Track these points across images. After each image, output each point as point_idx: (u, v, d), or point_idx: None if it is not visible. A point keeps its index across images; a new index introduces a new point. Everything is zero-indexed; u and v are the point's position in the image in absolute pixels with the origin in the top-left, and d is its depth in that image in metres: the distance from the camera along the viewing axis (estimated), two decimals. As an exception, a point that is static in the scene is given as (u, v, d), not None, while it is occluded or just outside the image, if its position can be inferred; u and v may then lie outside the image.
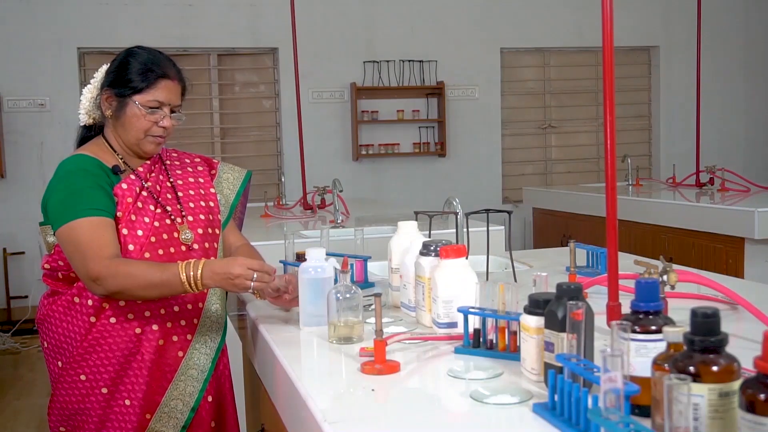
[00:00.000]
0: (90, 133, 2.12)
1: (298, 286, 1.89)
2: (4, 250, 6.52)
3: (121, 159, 2.03)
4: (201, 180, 2.15)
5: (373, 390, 1.42)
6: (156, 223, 1.98)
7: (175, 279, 1.81)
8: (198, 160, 2.21)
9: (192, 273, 1.81)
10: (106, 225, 1.89)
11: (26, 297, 6.52)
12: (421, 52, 7.45)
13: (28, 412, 4.47)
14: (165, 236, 1.98)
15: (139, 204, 1.99)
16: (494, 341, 1.60)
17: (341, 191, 4.14)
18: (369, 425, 1.27)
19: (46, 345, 2.04)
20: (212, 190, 2.14)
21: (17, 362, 5.59)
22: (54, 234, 1.93)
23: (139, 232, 1.94)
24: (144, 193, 2.01)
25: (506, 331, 1.58)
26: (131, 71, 1.99)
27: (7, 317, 6.48)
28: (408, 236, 2.05)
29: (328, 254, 1.95)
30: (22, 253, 6.57)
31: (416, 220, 2.15)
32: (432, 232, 2.37)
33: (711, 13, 7.17)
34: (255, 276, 1.82)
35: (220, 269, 1.82)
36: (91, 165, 1.97)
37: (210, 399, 2.09)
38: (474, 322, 1.62)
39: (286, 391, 1.58)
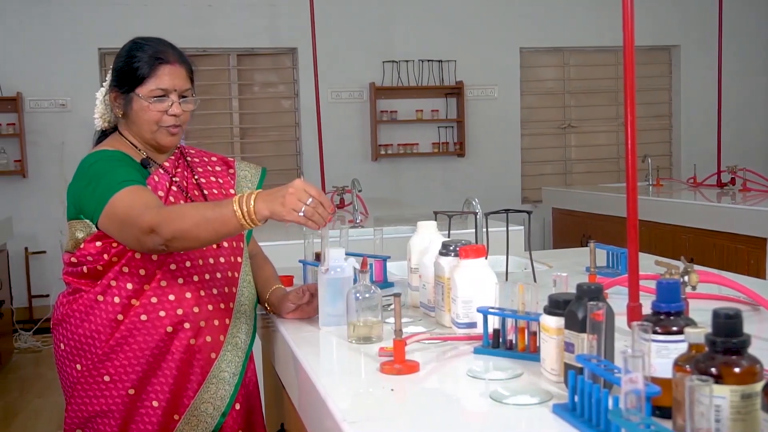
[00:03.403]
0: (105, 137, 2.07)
1: (318, 286, 1.89)
2: (26, 249, 6.57)
3: (145, 155, 1.99)
4: (221, 180, 2.11)
5: (392, 390, 1.42)
6: None
7: (229, 213, 1.67)
8: (215, 159, 2.16)
9: (245, 207, 1.66)
10: (144, 189, 1.83)
11: (47, 296, 6.57)
12: (440, 52, 7.44)
13: (49, 410, 4.51)
14: None
15: (171, 198, 1.95)
16: (514, 341, 1.60)
17: (360, 191, 4.15)
18: (388, 425, 1.27)
19: (62, 347, 1.95)
20: (232, 191, 2.10)
21: (38, 361, 5.63)
22: (97, 226, 1.86)
23: None
24: (174, 188, 1.97)
25: (526, 331, 1.58)
26: (128, 65, 1.94)
27: (28, 316, 6.54)
28: (427, 236, 2.05)
29: (347, 254, 1.95)
30: (44, 252, 6.62)
31: (435, 220, 2.15)
32: (451, 232, 2.37)
33: (732, 12, 7.11)
34: (310, 201, 1.65)
35: (277, 190, 1.68)
36: (115, 154, 1.92)
37: (237, 407, 2.02)
38: (493, 322, 1.62)
39: (306, 391, 1.59)
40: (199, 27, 6.84)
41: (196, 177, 2.06)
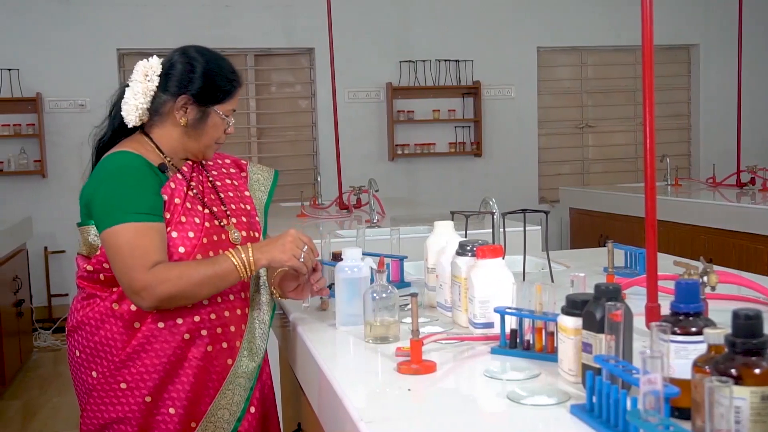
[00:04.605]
0: (115, 131, 2.02)
1: (335, 286, 1.89)
2: (45, 248, 6.62)
3: (168, 160, 1.97)
4: (236, 183, 2.10)
5: (409, 390, 1.42)
6: (207, 224, 1.92)
7: (229, 267, 1.81)
8: (228, 161, 2.16)
9: (244, 257, 1.82)
10: (152, 230, 1.82)
11: (66, 295, 6.62)
12: (457, 52, 7.43)
13: (68, 408, 4.54)
14: (215, 237, 1.92)
15: (188, 204, 1.92)
16: (531, 342, 1.59)
17: (377, 191, 4.15)
18: (405, 425, 1.27)
19: (78, 354, 1.92)
20: (247, 193, 2.10)
21: (58, 359, 5.67)
22: (99, 235, 1.86)
23: (191, 234, 1.88)
24: (191, 193, 1.95)
25: (543, 331, 1.57)
26: (217, 80, 1.96)
27: (48, 315, 6.58)
28: (444, 236, 2.04)
29: (364, 254, 1.96)
30: (63, 251, 6.66)
31: (452, 220, 2.14)
32: (468, 232, 2.37)
33: (752, 11, 7.05)
34: (305, 248, 1.86)
35: (271, 240, 1.87)
36: (137, 163, 1.89)
37: (252, 410, 2.01)
38: (511, 322, 1.62)
39: (323, 390, 1.59)
40: (217, 27, 6.87)
41: (211, 179, 2.04)
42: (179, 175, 1.96)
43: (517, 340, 1.61)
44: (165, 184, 1.91)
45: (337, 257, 2.15)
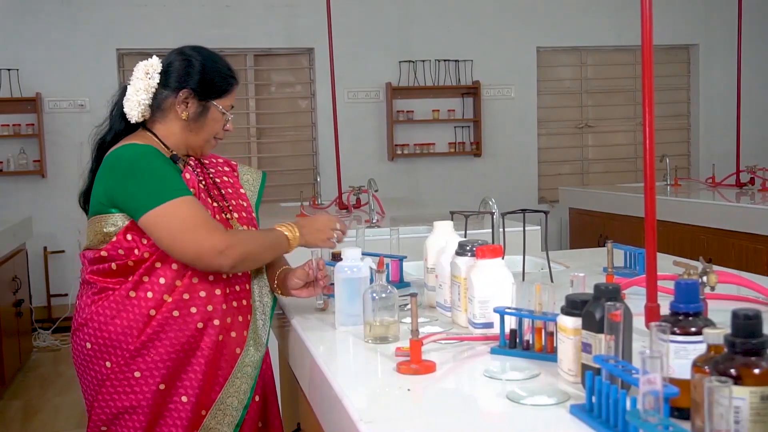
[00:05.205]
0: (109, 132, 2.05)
1: (335, 286, 1.90)
2: (45, 248, 6.62)
3: (175, 154, 2.01)
4: (231, 180, 2.15)
5: (408, 390, 1.42)
6: (216, 217, 1.97)
7: (282, 237, 1.98)
8: (221, 161, 2.20)
9: (293, 233, 1.99)
10: (200, 204, 1.91)
11: (66, 295, 6.61)
12: (457, 52, 7.42)
13: (68, 408, 4.54)
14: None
15: (203, 195, 1.99)
16: (531, 342, 1.59)
17: (376, 191, 4.15)
18: (405, 425, 1.27)
19: (89, 347, 1.93)
20: (242, 191, 2.15)
21: (57, 359, 5.67)
22: (139, 219, 1.85)
23: None
24: (201, 186, 2.01)
25: (543, 331, 1.57)
26: (216, 75, 2.02)
27: (47, 315, 6.58)
28: (444, 236, 2.04)
29: (363, 254, 1.96)
30: (62, 251, 6.66)
31: (452, 220, 2.14)
32: (468, 232, 2.37)
33: (752, 10, 7.06)
34: (337, 225, 2.06)
35: (308, 223, 2.06)
36: (155, 151, 1.93)
37: (257, 398, 2.06)
38: (510, 322, 1.62)
39: (322, 390, 1.59)
40: (217, 27, 6.87)
41: (211, 176, 2.10)
42: (190, 167, 2.02)
43: (517, 340, 1.61)
44: (181, 174, 1.96)
45: (336, 257, 2.15)
